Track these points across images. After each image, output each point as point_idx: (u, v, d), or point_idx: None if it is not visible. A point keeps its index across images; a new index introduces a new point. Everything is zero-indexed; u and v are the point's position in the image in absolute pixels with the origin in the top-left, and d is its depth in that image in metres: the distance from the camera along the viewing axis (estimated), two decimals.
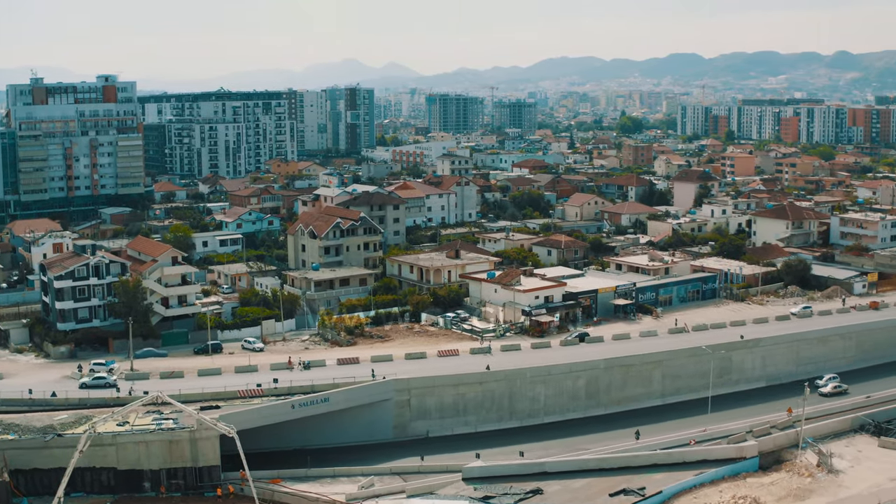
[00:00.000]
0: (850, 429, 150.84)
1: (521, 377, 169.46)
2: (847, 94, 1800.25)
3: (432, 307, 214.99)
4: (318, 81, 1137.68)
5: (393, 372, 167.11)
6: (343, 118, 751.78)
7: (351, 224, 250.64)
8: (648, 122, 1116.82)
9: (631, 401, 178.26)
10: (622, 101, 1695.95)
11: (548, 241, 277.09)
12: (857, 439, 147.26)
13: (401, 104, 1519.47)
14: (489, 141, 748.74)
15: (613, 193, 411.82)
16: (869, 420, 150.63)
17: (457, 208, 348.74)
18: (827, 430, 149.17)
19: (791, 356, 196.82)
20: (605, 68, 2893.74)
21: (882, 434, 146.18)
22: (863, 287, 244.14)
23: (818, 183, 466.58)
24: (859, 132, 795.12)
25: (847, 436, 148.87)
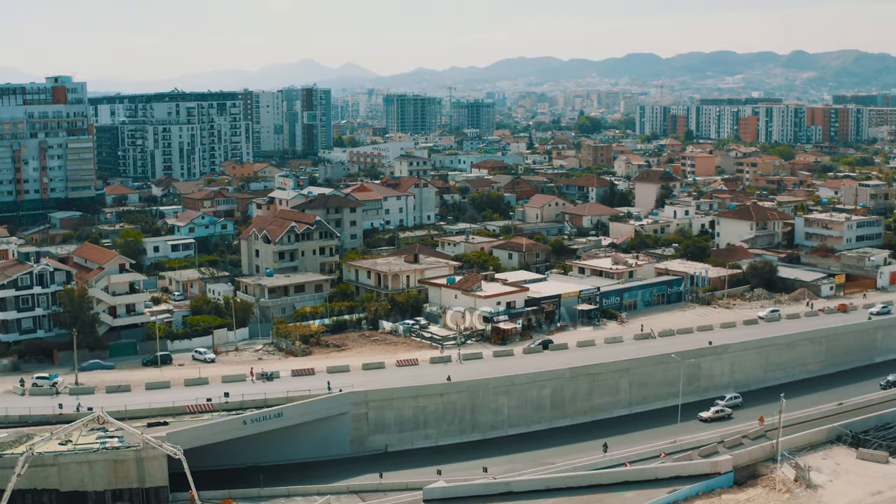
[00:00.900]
0: (827, 440, 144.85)
1: (483, 388, 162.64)
2: (804, 94, 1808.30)
3: (390, 314, 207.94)
4: (274, 82, 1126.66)
5: (350, 384, 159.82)
6: (300, 119, 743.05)
7: (306, 228, 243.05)
8: (607, 122, 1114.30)
9: (597, 411, 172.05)
10: (580, 101, 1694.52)
11: (508, 245, 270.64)
12: (835, 451, 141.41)
13: (358, 105, 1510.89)
14: (447, 141, 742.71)
15: (574, 194, 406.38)
16: (846, 430, 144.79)
17: (415, 210, 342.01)
18: (803, 442, 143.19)
19: (760, 362, 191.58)
20: (563, 68, 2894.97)
21: (860, 445, 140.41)
22: (830, 289, 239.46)
23: (779, 182, 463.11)
24: (818, 131, 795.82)
25: (824, 447, 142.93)
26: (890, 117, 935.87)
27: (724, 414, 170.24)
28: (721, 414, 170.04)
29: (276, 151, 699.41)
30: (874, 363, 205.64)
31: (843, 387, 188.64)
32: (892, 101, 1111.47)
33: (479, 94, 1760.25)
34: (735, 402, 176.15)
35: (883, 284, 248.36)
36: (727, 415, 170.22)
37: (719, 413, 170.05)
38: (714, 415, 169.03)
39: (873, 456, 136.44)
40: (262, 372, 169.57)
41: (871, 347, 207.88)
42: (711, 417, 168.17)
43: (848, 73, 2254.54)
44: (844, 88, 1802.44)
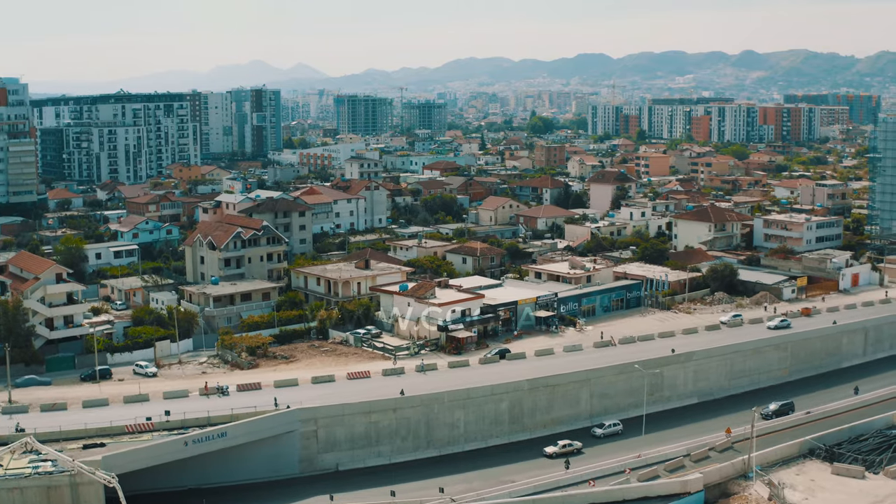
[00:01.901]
0: (800, 454, 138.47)
1: (438, 402, 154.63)
2: (754, 93, 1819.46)
3: (341, 323, 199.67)
4: (224, 83, 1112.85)
5: (298, 399, 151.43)
6: (249, 120, 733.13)
7: (253, 234, 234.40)
8: (559, 123, 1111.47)
9: (558, 423, 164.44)
10: (531, 102, 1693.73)
11: (462, 249, 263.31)
12: (808, 466, 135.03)
13: (309, 105, 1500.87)
14: (399, 142, 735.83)
15: (528, 196, 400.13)
16: (819, 444, 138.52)
17: (366, 214, 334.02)
18: (775, 457, 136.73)
19: (724, 370, 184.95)
20: (514, 69, 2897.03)
21: (834, 460, 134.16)
22: (792, 292, 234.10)
23: (734, 183, 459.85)
24: (770, 131, 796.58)
25: (797, 462, 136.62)
26: (841, 116, 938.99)
27: (572, 449, 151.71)
28: (568, 448, 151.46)
29: (226, 153, 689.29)
30: (840, 368, 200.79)
31: (810, 394, 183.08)
32: (843, 100, 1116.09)
33: (431, 94, 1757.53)
34: (614, 429, 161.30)
35: (845, 287, 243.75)
36: (575, 450, 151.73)
37: (567, 447, 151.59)
38: (561, 450, 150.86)
39: (849, 471, 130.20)
40: (217, 386, 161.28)
41: (837, 353, 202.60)
42: (557, 453, 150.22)
43: (797, 73, 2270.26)
44: (794, 88, 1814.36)
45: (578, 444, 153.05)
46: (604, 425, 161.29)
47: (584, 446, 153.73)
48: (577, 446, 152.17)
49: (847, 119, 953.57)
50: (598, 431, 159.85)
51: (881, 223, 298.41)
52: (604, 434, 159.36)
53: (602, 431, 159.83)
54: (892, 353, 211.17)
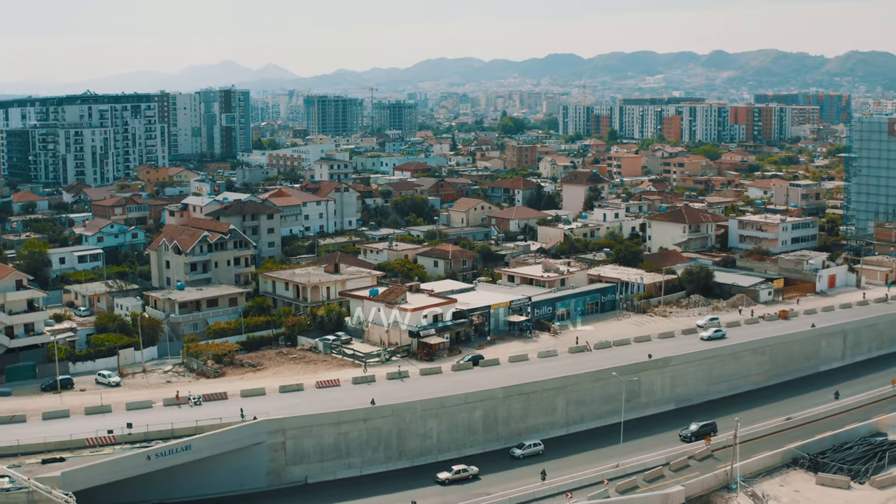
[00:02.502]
0: (783, 463, 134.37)
1: (410, 411, 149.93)
2: (724, 93, 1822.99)
3: (310, 329, 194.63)
4: (194, 83, 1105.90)
5: (266, 410, 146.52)
6: (218, 121, 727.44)
7: (220, 237, 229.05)
8: (530, 123, 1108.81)
9: (533, 432, 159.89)
10: (502, 102, 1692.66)
11: (434, 252, 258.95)
12: (792, 476, 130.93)
13: (279, 106, 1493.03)
14: (369, 143, 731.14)
15: (500, 197, 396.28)
16: (802, 453, 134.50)
17: (336, 216, 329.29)
18: (758, 467, 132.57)
19: (702, 375, 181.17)
20: (485, 69, 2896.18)
21: (818, 469, 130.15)
22: (768, 294, 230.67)
23: (707, 183, 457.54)
24: (741, 130, 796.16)
25: (780, 472, 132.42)
26: (812, 116, 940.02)
27: (467, 475, 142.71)
28: (463, 475, 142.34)
29: (194, 154, 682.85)
30: (819, 372, 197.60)
31: (789, 399, 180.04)
32: (814, 100, 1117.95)
33: (401, 95, 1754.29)
34: (535, 450, 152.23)
35: (822, 288, 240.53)
36: (471, 475, 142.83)
37: (461, 474, 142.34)
38: (454, 476, 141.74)
39: (834, 481, 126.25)
40: (189, 395, 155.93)
41: (816, 356, 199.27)
42: (450, 479, 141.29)
43: (767, 73, 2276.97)
44: (764, 88, 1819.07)
45: (475, 469, 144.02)
46: (524, 445, 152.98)
47: (504, 468, 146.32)
48: (473, 472, 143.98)
49: (818, 119, 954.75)
50: (517, 452, 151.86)
51: (857, 223, 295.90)
52: (523, 455, 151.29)
53: (521, 452, 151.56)
54: (871, 355, 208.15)
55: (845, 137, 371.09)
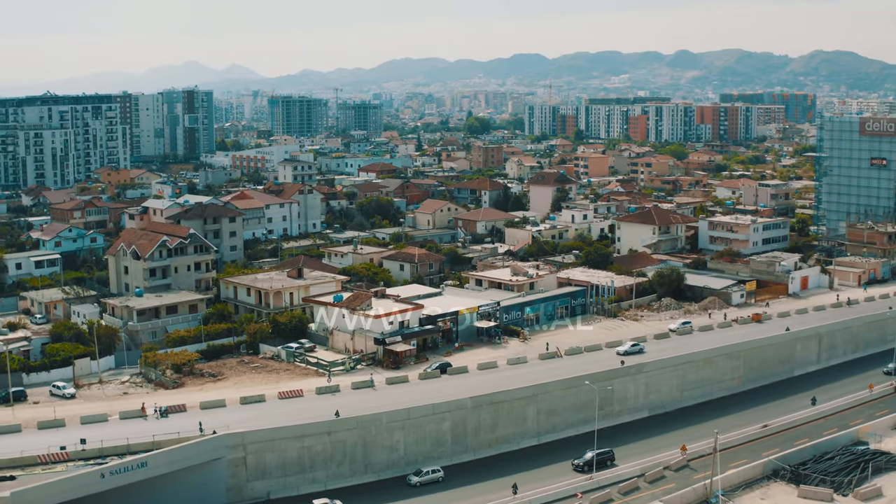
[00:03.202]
0: (763, 475, 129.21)
1: (376, 423, 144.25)
2: (689, 93, 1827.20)
3: (272, 336, 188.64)
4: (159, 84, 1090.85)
5: (226, 422, 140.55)
6: (181, 122, 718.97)
7: (179, 242, 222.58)
8: (495, 123, 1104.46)
9: (503, 442, 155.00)
10: (468, 102, 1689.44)
11: (400, 255, 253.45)
12: (773, 488, 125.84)
13: (243, 107, 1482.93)
14: (334, 144, 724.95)
15: (466, 198, 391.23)
16: (783, 465, 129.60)
17: (300, 218, 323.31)
18: (738, 480, 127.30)
19: (676, 381, 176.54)
20: (450, 69, 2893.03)
21: (800, 481, 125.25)
22: (741, 297, 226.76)
23: (675, 183, 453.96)
24: (707, 130, 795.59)
25: (761, 484, 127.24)
26: (777, 115, 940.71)
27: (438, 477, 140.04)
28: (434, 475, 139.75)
29: (157, 156, 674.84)
30: (794, 376, 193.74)
31: (765, 405, 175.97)
32: (779, 99, 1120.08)
33: (366, 95, 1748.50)
34: (434, 476, 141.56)
35: (794, 290, 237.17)
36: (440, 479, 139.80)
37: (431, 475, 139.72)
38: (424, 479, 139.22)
39: (816, 494, 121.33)
40: (155, 407, 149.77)
41: (791, 360, 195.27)
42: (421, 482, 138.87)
43: (732, 72, 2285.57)
44: (729, 87, 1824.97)
45: None
46: (421, 472, 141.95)
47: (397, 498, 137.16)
48: None
49: (783, 118, 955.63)
50: (413, 479, 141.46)
51: (828, 224, 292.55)
52: (420, 483, 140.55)
53: (418, 480, 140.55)
54: (847, 359, 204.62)
55: (815, 137, 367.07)
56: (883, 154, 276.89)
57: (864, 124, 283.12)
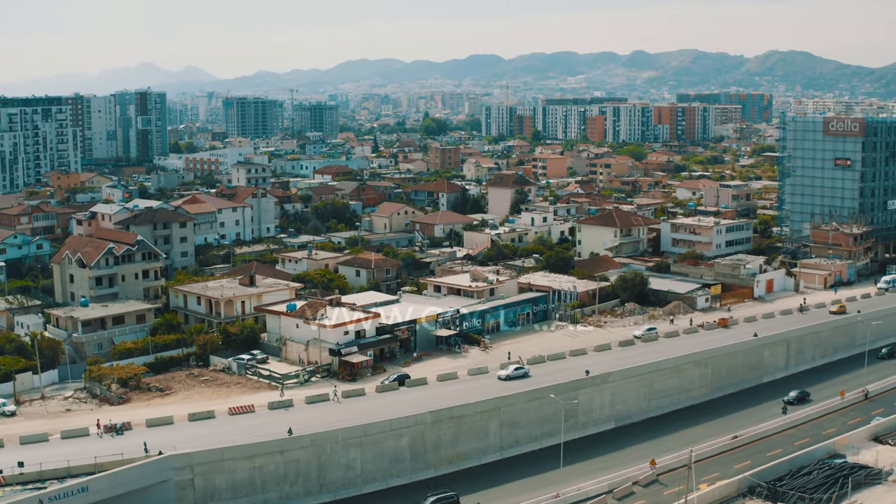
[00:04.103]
0: (738, 493, 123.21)
1: (331, 441, 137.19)
2: (645, 93, 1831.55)
3: (223, 348, 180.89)
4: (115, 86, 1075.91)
5: (172, 441, 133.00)
6: (134, 124, 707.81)
7: (126, 249, 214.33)
8: (452, 124, 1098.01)
9: (465, 458, 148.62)
10: (424, 103, 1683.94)
11: (356, 260, 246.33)
12: None
13: (198, 108, 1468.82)
14: (289, 145, 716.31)
15: (423, 201, 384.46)
16: (759, 482, 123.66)
17: (253, 223, 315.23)
18: (712, 499, 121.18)
19: (643, 391, 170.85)
20: (406, 70, 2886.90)
21: (778, 499, 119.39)
22: (706, 301, 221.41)
23: (634, 184, 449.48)
24: (665, 130, 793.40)
25: (736, 503, 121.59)
26: (734, 115, 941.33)
27: None
28: None
29: (110, 159, 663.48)
30: (763, 383, 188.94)
31: (734, 414, 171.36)
32: (736, 99, 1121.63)
33: (322, 96, 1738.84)
34: None
35: (760, 294, 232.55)
36: None
37: None
38: None
39: None
40: (109, 424, 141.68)
41: (759, 367, 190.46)
42: None
43: (688, 73, 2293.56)
44: (685, 87, 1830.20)
45: None
46: None
47: None
48: None
49: (740, 118, 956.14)
50: None
51: (791, 225, 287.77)
52: None
53: None
54: (815, 364, 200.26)
55: (777, 137, 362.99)
56: (847, 154, 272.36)
57: (827, 124, 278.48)
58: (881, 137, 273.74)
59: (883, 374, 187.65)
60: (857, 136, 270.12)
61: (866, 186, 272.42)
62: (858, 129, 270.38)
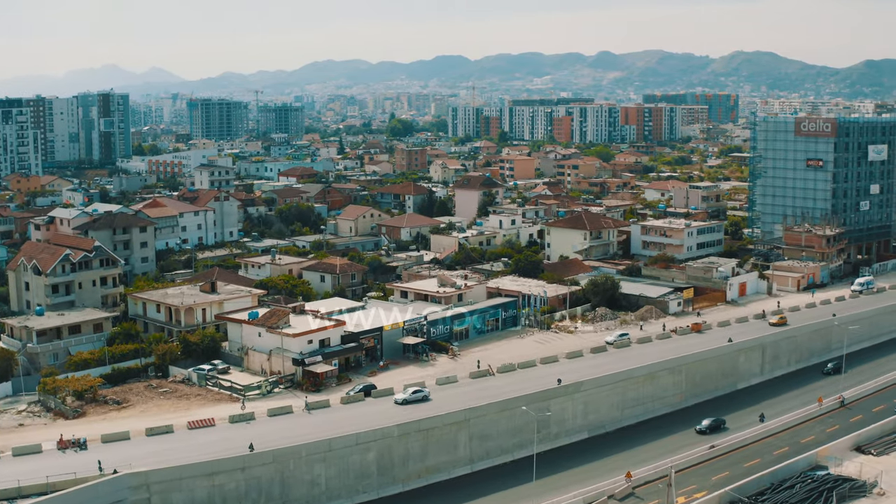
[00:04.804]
0: None
1: (294, 457, 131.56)
2: (611, 94, 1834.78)
3: (184, 357, 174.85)
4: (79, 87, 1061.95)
5: (129, 458, 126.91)
6: (96, 126, 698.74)
7: (84, 255, 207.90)
8: (419, 125, 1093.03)
9: (434, 472, 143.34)
10: (390, 104, 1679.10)
11: (320, 266, 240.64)
12: None
13: (162, 110, 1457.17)
14: (254, 147, 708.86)
15: (390, 203, 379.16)
16: (741, 497, 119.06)
17: (216, 227, 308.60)
18: None
19: (616, 399, 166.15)
20: (372, 71, 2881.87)
21: None
22: (678, 305, 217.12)
23: (603, 185, 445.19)
24: (632, 131, 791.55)
25: None
26: (701, 116, 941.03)
27: None
28: None
29: (73, 161, 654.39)
30: (738, 390, 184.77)
31: None
32: (702, 99, 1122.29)
33: (288, 97, 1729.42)
34: None
35: (733, 297, 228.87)
36: None
37: None
38: None
39: None
40: (73, 438, 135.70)
41: (734, 373, 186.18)
42: None
43: (654, 73, 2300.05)
44: (651, 88, 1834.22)
45: None
46: None
47: None
48: None
49: (707, 118, 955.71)
50: None
51: (762, 227, 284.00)
52: None
53: None
54: (791, 369, 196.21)
55: (749, 137, 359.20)
56: (819, 155, 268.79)
57: (799, 124, 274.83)
58: (853, 138, 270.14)
59: (858, 380, 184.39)
60: (830, 136, 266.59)
61: (839, 187, 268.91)
62: (830, 130, 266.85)
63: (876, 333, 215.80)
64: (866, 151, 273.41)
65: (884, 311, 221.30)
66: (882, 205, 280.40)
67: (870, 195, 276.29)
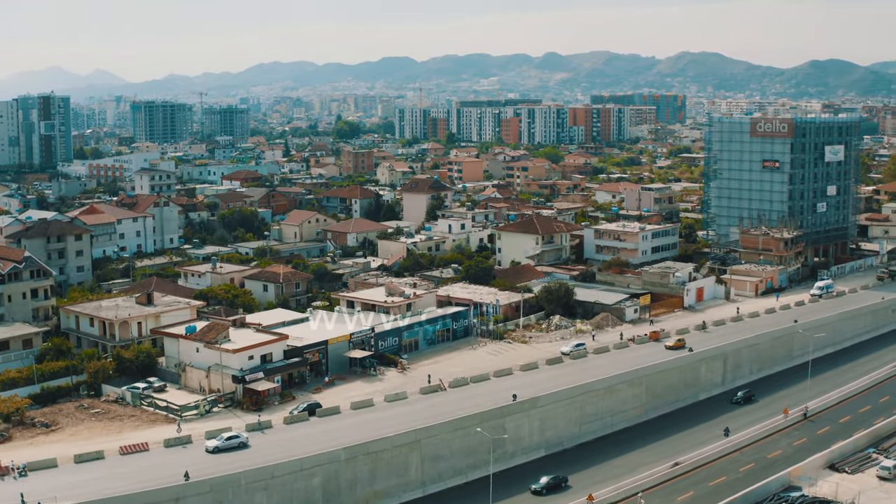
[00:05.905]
0: None
1: (233, 485, 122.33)
2: (558, 94, 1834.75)
3: (116, 376, 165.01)
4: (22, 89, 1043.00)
5: (53, 489, 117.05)
6: (37, 129, 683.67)
7: (13, 266, 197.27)
8: (365, 127, 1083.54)
9: (383, 497, 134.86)
10: (337, 106, 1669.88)
11: (263, 274, 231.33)
12: None
13: (105, 113, 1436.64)
14: (199, 150, 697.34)
15: (336, 207, 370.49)
16: None
17: (155, 233, 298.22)
18: None
19: (574, 414, 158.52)
20: (319, 73, 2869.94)
21: None
22: (634, 312, 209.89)
23: (553, 187, 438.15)
24: (580, 132, 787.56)
25: None
26: (648, 116, 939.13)
27: None
28: None
29: (13, 165, 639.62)
30: (699, 401, 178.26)
31: (672, 436, 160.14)
32: (650, 100, 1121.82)
33: (234, 99, 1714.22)
34: None
35: (690, 303, 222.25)
36: None
37: None
38: None
39: None
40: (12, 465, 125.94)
41: (696, 383, 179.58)
42: None
43: (600, 74, 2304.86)
44: (598, 89, 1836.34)
45: None
46: None
47: None
48: None
49: (654, 119, 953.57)
50: None
51: (718, 229, 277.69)
52: None
53: None
54: (753, 378, 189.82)
55: (703, 138, 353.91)
56: (776, 156, 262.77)
57: (755, 125, 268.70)
58: (810, 138, 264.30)
59: (822, 390, 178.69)
60: (786, 136, 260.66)
61: (795, 189, 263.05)
62: (787, 130, 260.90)
63: (838, 339, 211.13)
64: (823, 152, 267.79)
65: (845, 316, 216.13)
66: (839, 206, 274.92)
67: (826, 196, 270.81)
